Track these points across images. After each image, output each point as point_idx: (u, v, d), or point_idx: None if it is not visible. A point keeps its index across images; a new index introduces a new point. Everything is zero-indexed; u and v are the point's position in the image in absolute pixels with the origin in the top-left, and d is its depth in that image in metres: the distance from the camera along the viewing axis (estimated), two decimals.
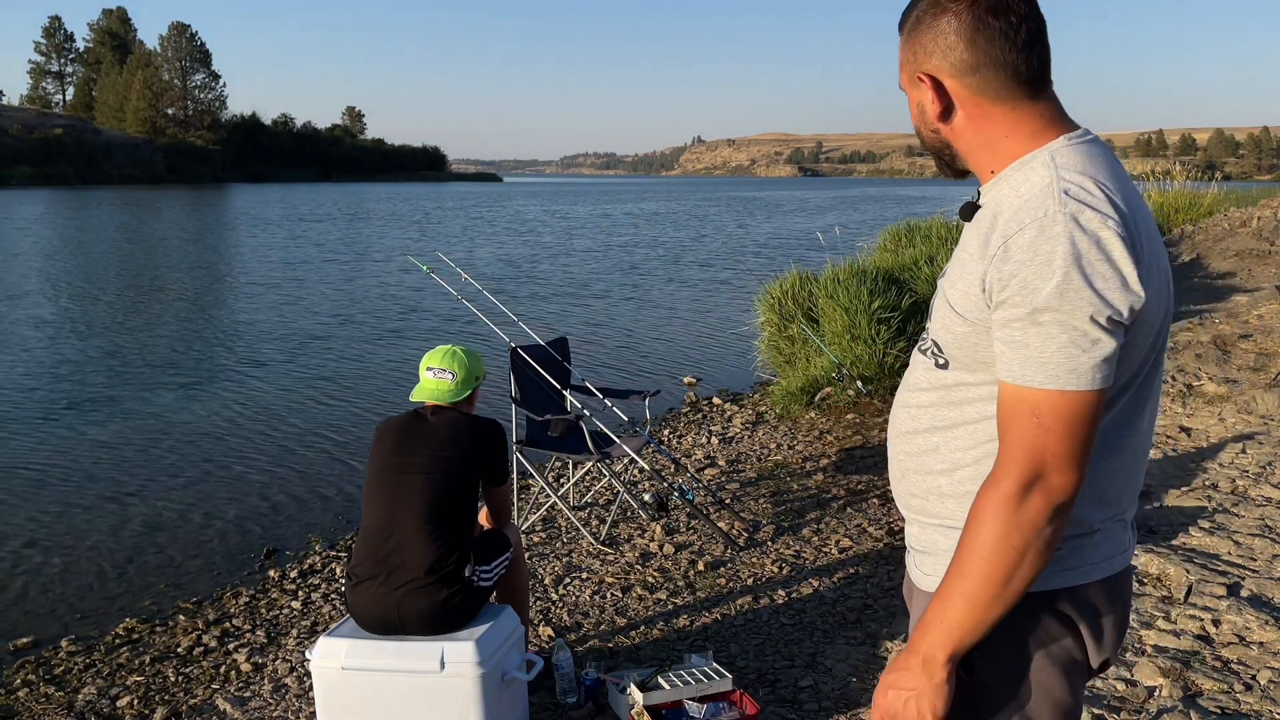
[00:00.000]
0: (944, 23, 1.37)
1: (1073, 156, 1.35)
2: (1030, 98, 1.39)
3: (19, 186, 71.27)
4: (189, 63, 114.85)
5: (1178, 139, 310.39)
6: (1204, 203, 21.50)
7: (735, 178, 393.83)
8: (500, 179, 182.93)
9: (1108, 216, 1.26)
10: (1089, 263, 1.25)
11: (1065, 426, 1.27)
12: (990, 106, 1.40)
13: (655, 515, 5.13)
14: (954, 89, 1.41)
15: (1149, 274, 1.29)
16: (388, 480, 3.05)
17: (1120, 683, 3.17)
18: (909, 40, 1.43)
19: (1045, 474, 1.28)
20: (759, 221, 42.67)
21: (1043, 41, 1.39)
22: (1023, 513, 1.28)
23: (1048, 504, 1.28)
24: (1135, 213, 1.32)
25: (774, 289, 8.86)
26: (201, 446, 7.41)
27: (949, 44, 1.38)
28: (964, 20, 1.36)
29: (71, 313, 14.17)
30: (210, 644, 4.17)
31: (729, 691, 3.22)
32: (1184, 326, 8.80)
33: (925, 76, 1.42)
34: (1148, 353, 1.36)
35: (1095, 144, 1.39)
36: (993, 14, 1.35)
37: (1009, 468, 1.29)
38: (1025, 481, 1.28)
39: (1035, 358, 1.27)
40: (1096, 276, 1.25)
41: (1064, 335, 1.25)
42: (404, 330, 12.94)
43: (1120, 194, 1.31)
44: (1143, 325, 1.31)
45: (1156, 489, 5.04)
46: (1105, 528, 1.43)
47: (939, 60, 1.39)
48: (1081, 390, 1.26)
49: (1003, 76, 1.37)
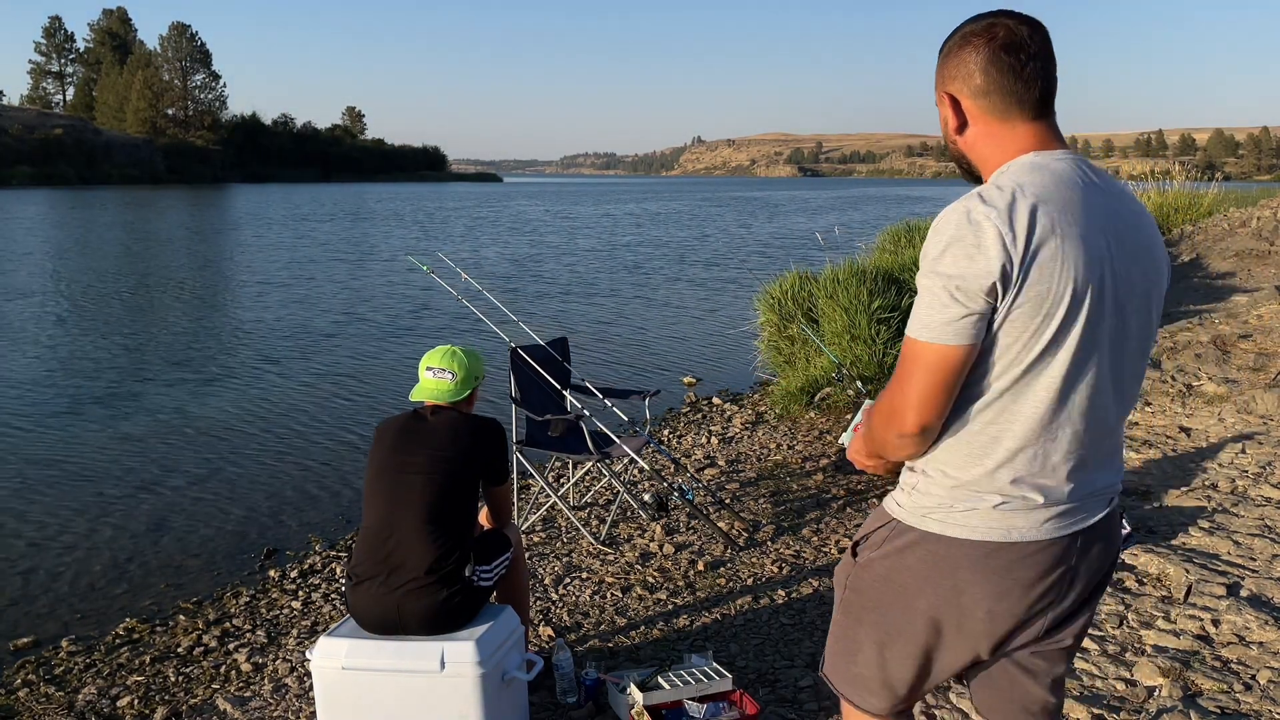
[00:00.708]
0: (967, 53, 1.67)
1: (1019, 169, 1.63)
2: (1028, 120, 1.67)
3: (19, 186, 71.28)
4: (189, 63, 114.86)
5: (1178, 139, 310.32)
6: (1204, 203, 21.49)
7: (735, 178, 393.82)
8: (500, 179, 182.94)
9: (992, 209, 1.54)
10: (960, 245, 1.55)
11: (918, 370, 1.61)
12: (995, 125, 1.68)
13: (655, 515, 5.13)
14: (969, 108, 1.70)
15: (1030, 267, 1.54)
16: (388, 480, 3.05)
17: (1120, 683, 3.18)
18: (941, 64, 1.72)
19: (900, 407, 1.65)
20: (761, 222, 42.70)
21: (1048, 74, 1.66)
22: (882, 425, 1.69)
23: (895, 431, 1.67)
24: (1047, 215, 1.56)
25: (774, 289, 8.86)
26: (202, 446, 7.41)
27: (968, 71, 1.67)
28: (982, 53, 1.65)
29: (72, 313, 14.17)
30: (210, 644, 4.17)
31: (729, 691, 3.22)
32: (1184, 326, 8.80)
33: (947, 95, 1.72)
34: (1051, 334, 1.58)
35: (1060, 160, 1.64)
36: (1006, 50, 1.64)
37: (887, 390, 1.69)
38: (887, 407, 1.67)
39: (914, 312, 1.62)
40: (963, 256, 1.54)
41: (928, 296, 1.59)
42: (405, 330, 12.94)
43: (1039, 199, 1.56)
44: (1024, 307, 1.55)
45: (1156, 489, 5.04)
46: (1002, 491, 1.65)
47: (960, 84, 1.69)
48: (929, 342, 1.59)
49: (1008, 101, 1.66)
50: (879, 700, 1.88)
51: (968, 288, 1.54)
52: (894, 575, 1.79)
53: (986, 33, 1.65)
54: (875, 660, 1.85)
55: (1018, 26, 1.64)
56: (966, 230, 1.54)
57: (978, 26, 1.67)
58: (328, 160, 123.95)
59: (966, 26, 1.69)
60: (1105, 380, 1.65)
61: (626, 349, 11.65)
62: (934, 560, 1.72)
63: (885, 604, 1.81)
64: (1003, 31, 1.64)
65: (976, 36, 1.66)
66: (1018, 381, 1.61)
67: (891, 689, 1.86)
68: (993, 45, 1.64)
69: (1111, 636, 3.48)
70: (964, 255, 1.54)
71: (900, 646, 1.81)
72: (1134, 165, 36.68)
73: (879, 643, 1.84)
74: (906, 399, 1.63)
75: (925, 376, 1.60)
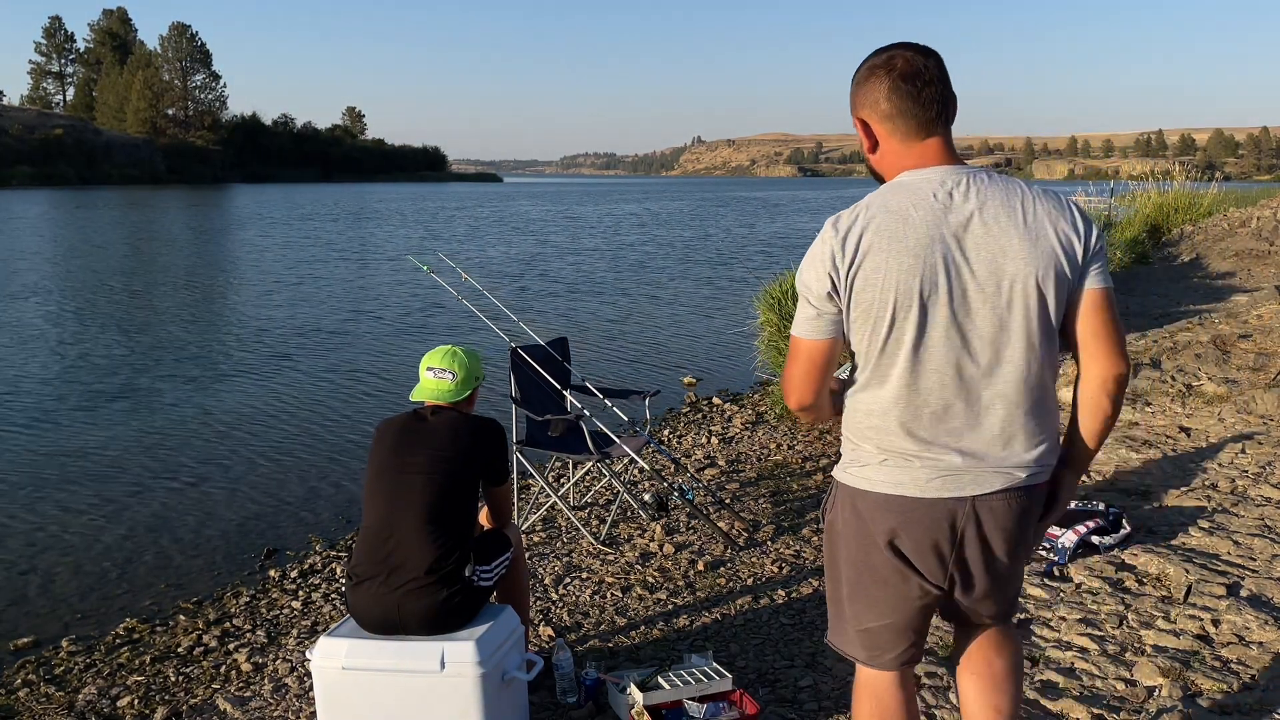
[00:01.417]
0: (872, 83, 1.92)
1: (886, 187, 1.93)
2: (922, 139, 1.92)
3: (19, 187, 71.29)
4: (189, 63, 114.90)
5: (1177, 139, 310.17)
6: (1204, 203, 21.47)
7: (735, 178, 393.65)
8: (500, 179, 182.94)
9: (834, 231, 1.88)
10: (810, 257, 1.92)
11: (792, 359, 2.00)
12: (897, 145, 1.94)
13: (655, 515, 5.13)
14: (878, 130, 1.96)
15: (856, 275, 1.86)
16: (388, 480, 3.04)
17: (1120, 683, 3.18)
18: (854, 92, 1.97)
19: (786, 388, 2.05)
20: (764, 221, 42.72)
21: (944, 97, 1.91)
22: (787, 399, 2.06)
23: (790, 404, 2.06)
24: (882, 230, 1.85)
25: (774, 289, 8.86)
26: (202, 446, 7.42)
27: (874, 99, 1.92)
28: (884, 82, 1.90)
29: (73, 314, 14.18)
30: (210, 644, 4.17)
31: (729, 691, 3.22)
32: (1184, 326, 8.80)
33: (859, 120, 1.98)
34: (890, 332, 1.88)
35: (927, 176, 1.89)
36: (904, 79, 1.88)
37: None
38: (783, 385, 2.07)
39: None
40: (809, 267, 1.92)
41: (799, 298, 1.96)
42: (406, 330, 12.95)
43: (872, 219, 1.87)
44: (862, 308, 1.88)
45: (1156, 489, 5.04)
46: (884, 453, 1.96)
47: (868, 110, 1.95)
48: (796, 337, 1.98)
49: (908, 124, 1.91)
50: (862, 651, 2.11)
51: (812, 293, 1.92)
52: (835, 529, 2.11)
53: (887, 65, 1.90)
54: (850, 615, 2.11)
55: (914, 57, 1.89)
56: (816, 245, 1.91)
57: (880, 59, 1.91)
58: (328, 160, 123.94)
59: (871, 59, 1.93)
60: (956, 363, 1.90)
61: (627, 349, 11.65)
62: (852, 509, 2.04)
63: (841, 558, 2.10)
64: (900, 62, 1.89)
65: (879, 68, 1.91)
66: (875, 369, 1.93)
67: (869, 637, 2.09)
68: (892, 75, 1.88)
69: (1111, 636, 3.48)
70: (809, 266, 1.92)
71: (863, 597, 2.07)
72: (1134, 165, 36.65)
73: (848, 597, 2.11)
74: (789, 381, 2.02)
75: (796, 364, 1.99)
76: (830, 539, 2.14)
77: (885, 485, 1.97)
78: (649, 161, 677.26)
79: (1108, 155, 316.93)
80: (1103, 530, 4.27)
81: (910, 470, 1.94)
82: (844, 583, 2.10)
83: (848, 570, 2.09)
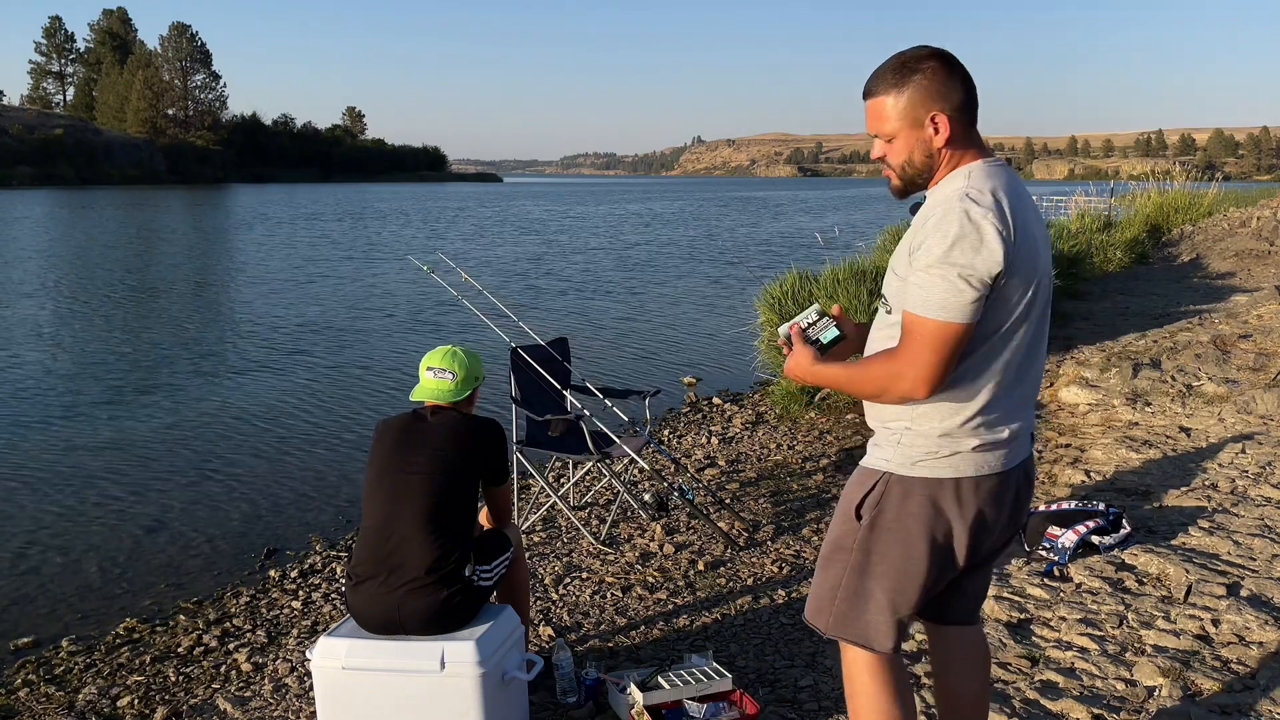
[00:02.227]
0: (936, 75, 1.97)
1: (980, 173, 1.97)
2: (972, 130, 2.02)
3: (20, 187, 71.28)
4: (189, 63, 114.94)
5: (1177, 139, 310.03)
6: (1204, 203, 21.48)
7: (735, 178, 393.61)
8: (500, 179, 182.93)
9: (988, 211, 1.87)
10: (966, 240, 1.85)
11: (932, 345, 1.89)
12: (961, 133, 2.00)
13: (655, 515, 5.13)
14: (955, 121, 1.98)
15: (1018, 257, 1.88)
16: (388, 480, 3.05)
17: (1120, 683, 3.18)
18: (902, 93, 1.98)
19: (910, 374, 1.91)
20: (768, 221, 42.73)
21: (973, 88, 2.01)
22: (888, 386, 1.96)
23: (900, 394, 1.95)
24: (1017, 212, 1.91)
25: (774, 289, 8.86)
26: (202, 446, 7.42)
27: (947, 88, 1.97)
28: (945, 72, 1.97)
29: (75, 314, 14.18)
30: (211, 644, 4.17)
31: (729, 691, 3.22)
32: (1184, 326, 8.80)
33: (937, 114, 1.97)
34: (1016, 309, 1.93)
35: (1000, 165, 2.00)
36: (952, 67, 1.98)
37: (898, 358, 1.94)
38: (898, 373, 1.93)
39: (924, 295, 1.88)
40: (970, 250, 1.85)
41: (943, 283, 1.86)
42: (406, 330, 12.95)
43: (1008, 200, 1.91)
44: (1009, 287, 1.90)
45: (1156, 489, 5.04)
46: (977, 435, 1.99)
47: (941, 102, 1.97)
48: (948, 321, 1.87)
49: (967, 114, 2.00)
50: (890, 639, 2.13)
51: (980, 275, 1.85)
52: (899, 524, 2.05)
53: (938, 57, 1.98)
54: (888, 605, 2.10)
55: (946, 57, 1.99)
56: (969, 228, 1.85)
57: (925, 52, 1.98)
58: (328, 160, 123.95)
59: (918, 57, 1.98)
60: (1040, 340, 2.04)
61: (627, 349, 11.65)
62: (930, 502, 2.01)
63: (896, 553, 2.07)
64: (941, 60, 1.98)
65: (929, 60, 1.98)
66: (990, 345, 1.95)
67: (901, 625, 2.13)
68: (945, 66, 1.97)
69: (1111, 636, 3.48)
70: (971, 249, 1.85)
71: (911, 586, 2.08)
72: (1134, 165, 36.69)
73: (892, 589, 2.09)
74: (919, 371, 1.90)
75: (942, 350, 1.89)
76: (883, 537, 2.08)
77: (972, 468, 2.01)
78: (649, 161, 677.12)
79: (1108, 155, 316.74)
80: (1103, 530, 4.27)
81: (995, 450, 2.01)
82: (889, 575, 2.08)
83: (901, 563, 2.07)
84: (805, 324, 2.24)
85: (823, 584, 2.20)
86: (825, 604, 2.18)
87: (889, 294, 2.06)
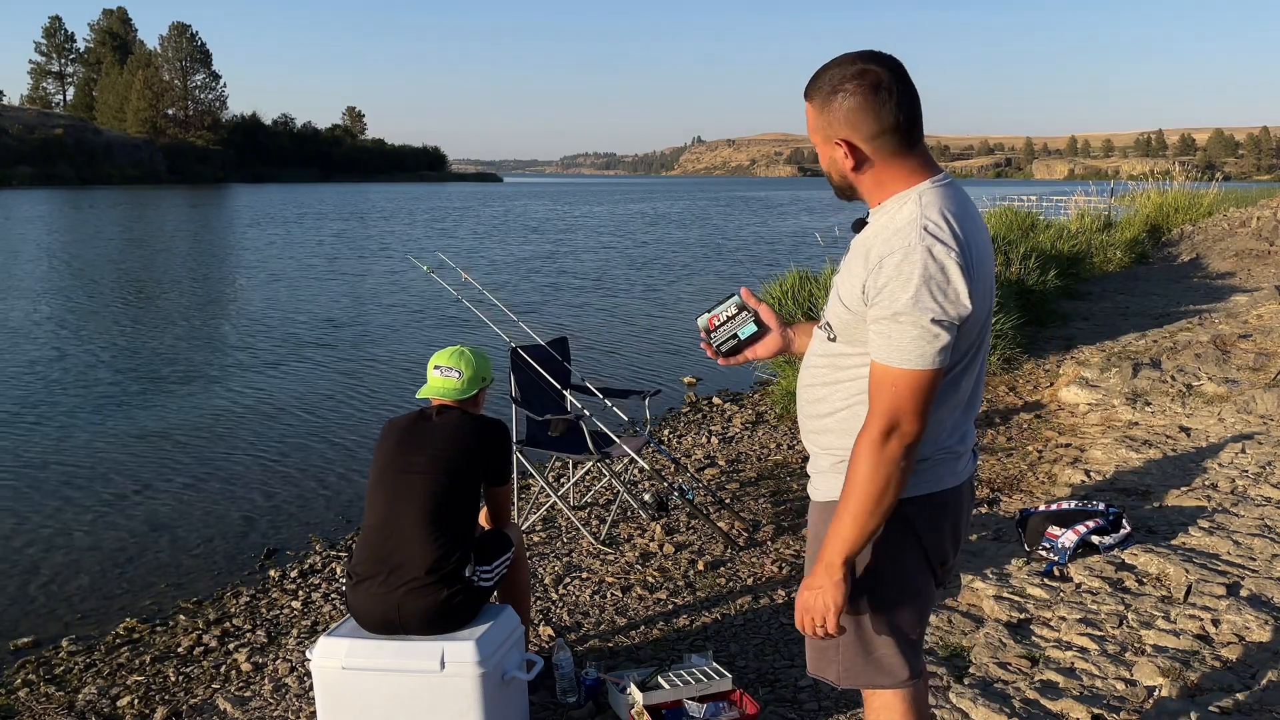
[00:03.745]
0: (853, 99, 1.83)
1: (931, 197, 1.85)
2: (908, 151, 1.88)
3: (20, 187, 71.28)
4: (189, 63, 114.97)
5: (1177, 139, 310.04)
6: (1203, 203, 21.49)
7: (735, 178, 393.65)
8: (500, 179, 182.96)
9: (951, 249, 1.77)
10: (935, 283, 1.76)
11: (912, 393, 1.80)
12: (885, 159, 1.88)
13: (655, 515, 5.13)
14: (863, 149, 1.88)
15: (976, 290, 1.80)
16: (390, 479, 3.05)
17: (1120, 683, 3.18)
18: (823, 111, 1.88)
19: (899, 425, 1.81)
20: (774, 220, 42.73)
21: (915, 105, 1.86)
22: (885, 452, 1.81)
23: (901, 445, 1.81)
24: (972, 241, 1.83)
25: (774, 289, 8.86)
26: (202, 446, 7.41)
27: (858, 117, 1.84)
28: (864, 97, 1.82)
29: (75, 313, 14.17)
30: (210, 644, 4.17)
31: (729, 691, 3.22)
32: (1184, 326, 8.81)
33: (841, 141, 1.88)
34: (974, 339, 1.90)
35: (951, 185, 1.90)
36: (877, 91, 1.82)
37: (874, 422, 1.83)
38: (885, 431, 1.81)
39: (895, 346, 1.79)
40: (938, 293, 1.76)
41: (914, 331, 1.77)
42: (408, 330, 12.95)
43: (963, 227, 1.82)
44: (970, 323, 1.83)
45: (1156, 489, 5.04)
46: (935, 457, 1.95)
47: (848, 130, 1.86)
48: (924, 369, 1.79)
49: (895, 137, 1.86)
50: (905, 668, 2.05)
51: (950, 319, 1.78)
52: (880, 550, 1.98)
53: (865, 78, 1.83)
54: (892, 636, 2.03)
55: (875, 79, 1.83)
56: (934, 269, 1.76)
57: (854, 70, 1.84)
58: (328, 160, 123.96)
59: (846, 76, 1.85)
60: (986, 351, 2.03)
61: (627, 349, 11.65)
62: (898, 523, 1.93)
63: (877, 585, 2.00)
64: (868, 82, 1.83)
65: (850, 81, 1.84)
66: (951, 376, 1.90)
67: (913, 646, 2.06)
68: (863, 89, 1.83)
69: (1111, 636, 3.48)
70: (939, 292, 1.77)
71: (908, 608, 2.03)
72: (1134, 165, 36.71)
73: (889, 619, 2.02)
74: (908, 421, 1.81)
75: (921, 396, 1.81)
76: (863, 574, 1.99)
77: (929, 485, 1.97)
78: (649, 161, 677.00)
79: (1108, 155, 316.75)
80: (1103, 530, 4.28)
81: (950, 464, 2.00)
82: (883, 606, 2.02)
83: (893, 591, 2.01)
84: (724, 317, 2.16)
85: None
86: (829, 656, 2.07)
87: (834, 323, 1.96)
